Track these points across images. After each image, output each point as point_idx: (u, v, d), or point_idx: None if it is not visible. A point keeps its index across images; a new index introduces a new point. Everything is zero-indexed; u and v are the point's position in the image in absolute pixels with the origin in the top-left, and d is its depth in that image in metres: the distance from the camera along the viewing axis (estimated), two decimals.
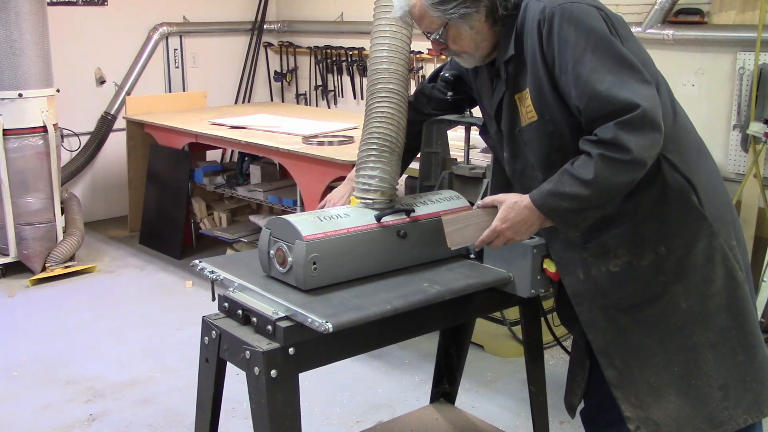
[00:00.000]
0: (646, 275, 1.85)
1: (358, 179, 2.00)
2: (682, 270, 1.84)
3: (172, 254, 5.16)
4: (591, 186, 1.70)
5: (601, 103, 1.69)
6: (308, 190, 4.09)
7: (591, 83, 1.70)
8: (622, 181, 1.71)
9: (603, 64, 1.71)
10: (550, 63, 1.77)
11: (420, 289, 1.84)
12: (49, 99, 4.66)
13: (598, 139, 1.70)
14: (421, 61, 5.70)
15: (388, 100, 1.96)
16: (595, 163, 1.69)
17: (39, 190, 4.71)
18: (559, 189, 1.74)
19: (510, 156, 1.95)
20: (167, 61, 6.36)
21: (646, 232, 1.84)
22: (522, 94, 1.85)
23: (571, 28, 1.73)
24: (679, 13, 4.23)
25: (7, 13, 4.42)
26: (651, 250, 1.84)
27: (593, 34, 1.73)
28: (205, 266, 1.94)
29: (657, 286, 1.85)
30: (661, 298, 1.85)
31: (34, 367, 3.63)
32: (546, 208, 1.77)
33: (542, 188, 1.78)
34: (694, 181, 1.84)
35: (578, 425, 3.11)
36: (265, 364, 1.65)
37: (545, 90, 1.80)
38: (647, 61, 1.86)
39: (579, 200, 1.72)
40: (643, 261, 1.85)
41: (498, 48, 1.89)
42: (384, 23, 1.96)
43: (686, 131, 1.92)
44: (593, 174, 1.69)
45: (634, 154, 1.67)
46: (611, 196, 1.75)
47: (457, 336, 2.60)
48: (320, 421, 3.13)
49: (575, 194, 1.72)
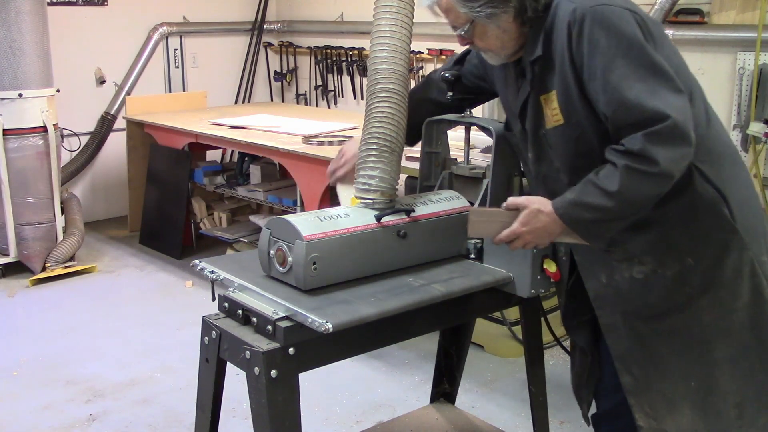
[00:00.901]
0: (670, 285, 1.80)
1: (358, 179, 2.00)
2: (709, 283, 1.79)
3: (172, 254, 5.16)
4: (615, 198, 1.66)
5: (630, 111, 1.64)
6: (308, 190, 4.09)
7: (620, 90, 1.65)
8: (649, 193, 1.67)
9: (633, 71, 1.65)
10: (578, 67, 1.72)
11: (420, 289, 1.84)
12: (49, 99, 4.66)
13: (625, 149, 1.65)
14: (421, 61, 5.70)
15: (388, 100, 1.95)
16: (621, 174, 1.64)
17: (39, 190, 4.71)
18: (582, 199, 1.70)
19: (534, 157, 1.91)
20: (167, 61, 6.36)
21: (674, 242, 1.79)
22: (548, 95, 1.80)
23: (602, 31, 1.67)
24: (679, 13, 4.23)
25: (7, 13, 4.42)
26: (677, 260, 1.79)
27: (625, 39, 1.66)
28: (205, 266, 1.94)
29: (681, 297, 1.81)
30: (684, 310, 1.81)
31: (34, 367, 3.63)
32: (568, 218, 1.74)
33: (565, 197, 1.74)
34: (726, 192, 1.78)
35: (578, 425, 3.11)
36: (265, 364, 1.65)
37: (572, 94, 1.75)
38: (681, 67, 1.80)
39: (602, 211, 1.68)
40: (668, 270, 1.80)
41: (525, 47, 1.84)
42: (384, 23, 1.95)
43: (720, 140, 1.85)
44: (618, 185, 1.65)
45: (661, 167, 1.62)
46: (636, 208, 1.71)
47: (457, 336, 2.60)
48: (320, 421, 3.13)
49: (599, 205, 1.68)
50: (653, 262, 1.80)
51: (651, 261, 1.81)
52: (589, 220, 1.71)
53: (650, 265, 1.81)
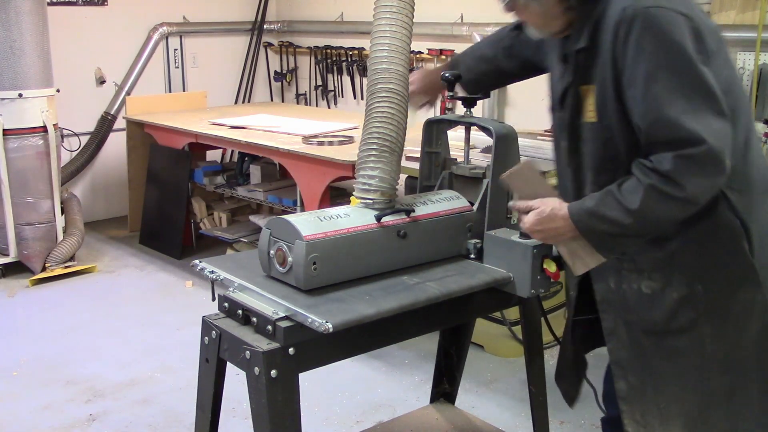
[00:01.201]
0: (676, 307, 1.75)
1: (358, 179, 2.00)
2: (716, 313, 1.73)
3: (172, 254, 5.16)
4: (634, 215, 1.60)
5: (665, 128, 1.55)
6: (308, 190, 4.09)
7: (659, 104, 1.55)
8: (669, 216, 1.61)
9: (677, 86, 1.55)
10: (619, 69, 1.63)
11: (420, 289, 1.84)
12: (49, 99, 4.66)
13: (652, 167, 1.57)
14: (421, 61, 5.70)
15: (388, 100, 1.95)
16: (644, 192, 1.58)
17: (39, 190, 4.71)
18: (599, 210, 1.65)
19: (568, 146, 1.84)
20: (167, 61, 6.36)
21: (685, 265, 1.73)
22: (589, 88, 1.72)
23: (651, 37, 1.57)
24: None
25: (7, 13, 4.42)
26: (686, 285, 1.73)
27: (673, 50, 1.56)
28: (205, 266, 1.94)
29: (685, 321, 1.75)
30: (686, 333, 1.75)
31: (34, 367, 3.63)
32: (582, 226, 1.69)
33: (583, 204, 1.69)
34: (751, 225, 1.70)
35: (578, 425, 3.11)
36: (265, 364, 1.65)
37: (608, 95, 1.67)
38: (731, 81, 1.69)
39: (618, 226, 1.63)
40: (675, 292, 1.74)
41: (571, 33, 1.76)
42: (384, 23, 1.95)
43: (756, 168, 1.75)
44: (639, 204, 1.58)
45: (687, 193, 1.55)
46: (653, 228, 1.66)
47: (457, 336, 2.60)
48: (320, 421, 3.13)
49: (615, 219, 1.63)
50: (662, 281, 1.75)
51: (660, 279, 1.76)
52: (603, 232, 1.67)
53: (659, 283, 1.76)
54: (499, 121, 2.12)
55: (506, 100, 5.27)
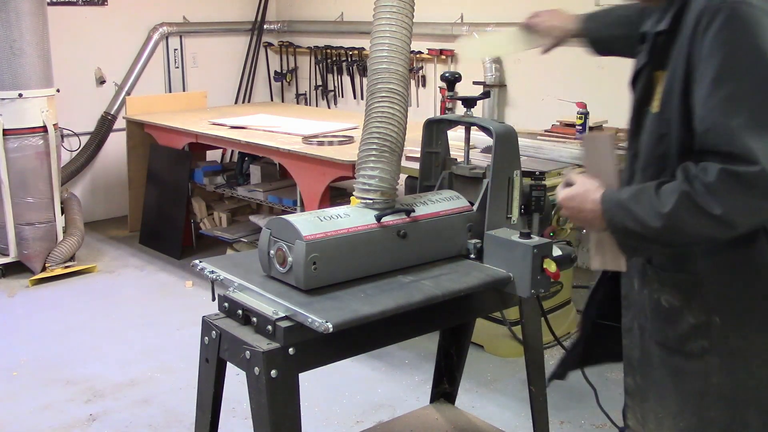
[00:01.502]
0: (690, 332, 1.65)
1: (358, 179, 2.00)
2: (729, 350, 1.62)
3: (172, 254, 5.16)
4: (662, 220, 1.48)
5: (721, 138, 1.42)
6: (308, 190, 4.10)
7: (722, 111, 1.42)
8: (698, 233, 1.48)
9: (746, 95, 1.41)
10: (693, 63, 1.49)
11: (420, 289, 1.84)
12: (49, 99, 4.67)
13: (695, 174, 1.44)
14: (421, 61, 5.70)
15: (388, 100, 1.95)
16: (678, 198, 1.45)
17: (39, 190, 4.71)
18: (630, 205, 1.54)
19: (631, 131, 1.72)
20: (167, 61, 6.36)
21: (709, 294, 1.61)
22: (662, 74, 1.58)
23: (731, 35, 1.44)
24: None
25: (7, 13, 4.42)
26: (704, 313, 1.62)
27: (753, 54, 1.42)
28: (205, 266, 1.94)
29: (696, 348, 1.65)
30: (695, 360, 1.65)
31: (34, 367, 3.63)
32: (609, 216, 1.59)
33: (618, 195, 1.59)
34: None
35: (578, 425, 3.12)
36: (265, 364, 1.65)
37: (676, 88, 1.53)
38: None
39: (643, 227, 1.52)
40: (692, 317, 1.64)
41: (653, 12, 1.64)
42: (384, 23, 1.95)
43: None
44: (669, 209, 1.46)
45: (723, 212, 1.42)
46: (680, 241, 1.53)
47: (457, 336, 2.60)
48: (320, 421, 3.13)
49: (642, 219, 1.51)
50: (680, 303, 1.65)
51: (679, 299, 1.65)
52: (629, 229, 1.56)
53: (677, 304, 1.66)
54: (499, 121, 2.12)
55: (506, 100, 5.27)
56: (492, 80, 5.18)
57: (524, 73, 5.14)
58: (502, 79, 5.23)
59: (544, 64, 5.05)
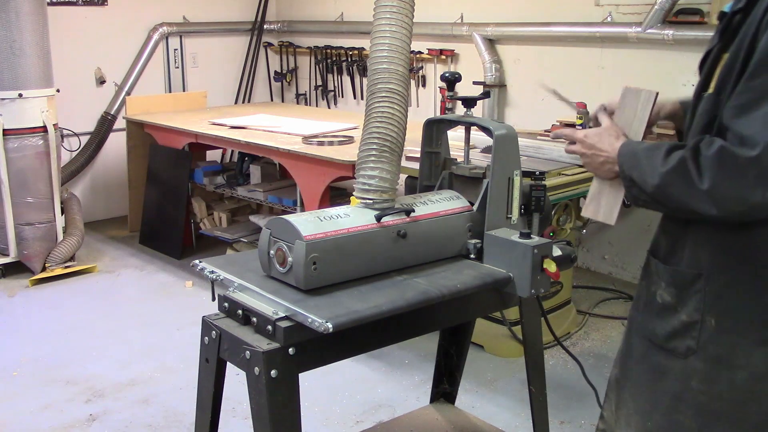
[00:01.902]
0: (679, 329, 1.60)
1: (358, 179, 2.00)
2: (716, 356, 1.55)
3: (172, 254, 5.16)
4: (658, 178, 1.50)
5: (736, 118, 1.40)
6: (308, 190, 4.10)
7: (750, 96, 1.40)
8: (684, 202, 1.47)
9: None
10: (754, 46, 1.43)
11: (420, 289, 1.84)
12: (49, 99, 4.67)
13: (700, 144, 1.44)
14: (421, 61, 5.70)
15: (388, 100, 1.95)
16: (677, 162, 1.46)
17: (39, 190, 4.71)
18: (641, 157, 1.55)
19: (688, 120, 1.66)
20: (167, 61, 6.36)
21: (708, 294, 1.55)
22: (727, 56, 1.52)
23: None
24: (679, 13, 4.23)
25: (7, 13, 4.42)
26: (699, 312, 1.56)
27: None
28: (205, 266, 1.94)
29: (681, 347, 1.59)
30: (678, 360, 1.61)
31: (34, 367, 3.63)
32: (620, 161, 1.61)
33: (637, 145, 1.61)
34: None
35: (578, 425, 3.11)
36: (265, 364, 1.65)
37: (736, 69, 1.47)
38: None
39: (643, 182, 1.54)
40: (685, 315, 1.59)
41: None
42: (384, 23, 1.95)
43: None
44: (667, 169, 1.48)
45: (707, 188, 1.41)
46: (669, 204, 1.52)
47: (457, 336, 2.60)
48: (320, 421, 3.13)
49: (645, 174, 1.53)
50: (675, 298, 1.61)
51: (674, 296, 1.61)
52: (634, 179, 1.56)
53: (672, 299, 1.61)
54: (499, 121, 2.12)
55: (506, 100, 5.27)
56: (492, 80, 5.18)
57: (524, 73, 5.14)
58: (502, 79, 5.23)
59: (544, 64, 5.07)
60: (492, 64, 5.18)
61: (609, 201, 1.73)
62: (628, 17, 4.48)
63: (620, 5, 4.54)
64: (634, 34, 4.34)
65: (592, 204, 1.78)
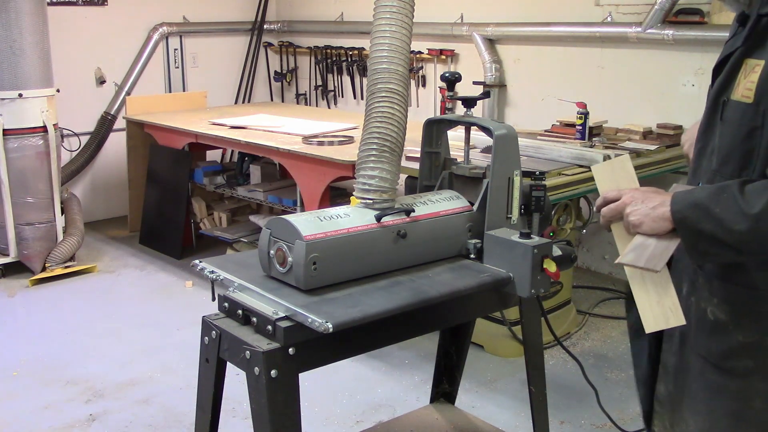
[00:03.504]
0: (737, 348, 1.52)
1: (358, 179, 2.00)
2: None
3: (172, 254, 5.16)
4: (748, 222, 1.34)
5: None
6: (308, 190, 4.10)
7: None
8: None
9: None
10: None
11: (420, 289, 1.84)
12: (49, 99, 4.67)
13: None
14: (421, 61, 5.70)
15: (388, 100, 1.95)
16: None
17: (39, 190, 4.71)
18: (709, 205, 1.39)
19: (703, 124, 1.59)
20: (167, 61, 6.36)
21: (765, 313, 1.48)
22: (754, 62, 1.44)
23: None
24: (679, 13, 4.23)
25: (7, 13, 4.42)
26: (757, 332, 1.49)
27: None
28: (205, 266, 1.94)
29: (740, 368, 1.53)
30: (737, 380, 1.53)
31: (34, 367, 3.63)
32: (680, 217, 1.45)
33: (693, 193, 1.45)
34: None
35: (578, 425, 3.11)
36: (265, 364, 1.65)
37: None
38: None
39: (724, 231, 1.38)
40: (741, 335, 1.51)
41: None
42: (384, 23, 1.95)
43: None
44: (760, 209, 1.32)
45: None
46: (761, 247, 1.38)
47: (457, 336, 2.60)
48: (320, 421, 3.13)
49: (724, 222, 1.37)
50: (729, 316, 1.53)
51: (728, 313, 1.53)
52: (704, 232, 1.41)
53: (724, 317, 1.53)
54: (499, 121, 2.12)
55: (506, 100, 5.27)
56: (492, 80, 5.18)
57: (524, 73, 5.14)
58: (502, 79, 5.23)
59: (544, 64, 5.07)
60: (492, 64, 5.18)
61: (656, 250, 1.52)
62: (628, 17, 4.48)
63: (620, 5, 4.54)
64: (634, 34, 4.34)
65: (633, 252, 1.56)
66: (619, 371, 3.55)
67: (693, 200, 1.44)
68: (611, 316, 4.18)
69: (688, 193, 1.47)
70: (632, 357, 1.85)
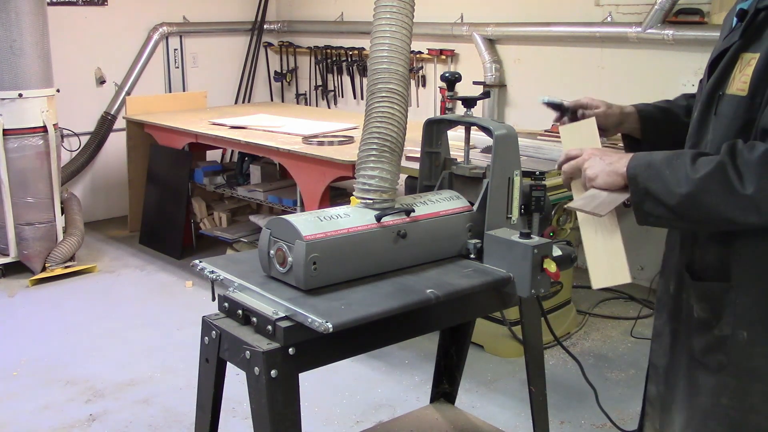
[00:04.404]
0: (712, 344, 1.54)
1: (358, 179, 2.00)
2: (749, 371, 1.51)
3: (172, 254, 5.17)
4: (689, 186, 1.39)
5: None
6: (308, 190, 4.10)
7: None
8: (719, 211, 1.38)
9: None
10: None
11: (419, 290, 1.84)
12: (49, 99, 4.67)
13: (740, 149, 1.36)
14: (421, 61, 5.70)
15: (388, 100, 1.95)
16: (714, 168, 1.36)
17: (39, 190, 4.72)
18: (661, 167, 1.44)
19: (697, 121, 1.60)
20: (167, 61, 6.36)
21: (740, 306, 1.50)
22: (750, 56, 1.46)
23: None
24: (679, 13, 4.23)
25: (7, 13, 4.42)
26: (731, 326, 1.51)
27: None
28: (205, 266, 1.94)
29: (714, 363, 1.55)
30: (712, 376, 1.56)
31: (34, 367, 3.63)
32: (632, 173, 1.49)
33: (651, 155, 1.48)
34: None
35: (578, 425, 3.12)
36: (265, 364, 1.65)
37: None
38: None
39: (667, 192, 1.42)
40: (718, 330, 1.53)
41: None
42: (384, 23, 1.95)
43: None
44: (701, 175, 1.37)
45: (752, 192, 1.33)
46: (697, 215, 1.42)
47: (457, 336, 2.60)
48: (320, 421, 3.13)
49: (669, 184, 1.41)
50: (710, 313, 1.55)
51: (708, 311, 1.55)
52: (651, 191, 1.45)
53: (706, 314, 1.56)
54: (499, 121, 2.11)
55: (506, 100, 5.27)
56: (492, 80, 5.18)
57: (524, 73, 5.14)
58: (502, 79, 5.23)
59: (544, 64, 5.07)
60: (492, 64, 5.18)
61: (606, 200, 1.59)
62: (628, 17, 4.48)
63: (620, 5, 4.54)
64: (634, 34, 4.34)
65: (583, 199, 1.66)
66: (619, 371, 3.56)
67: (648, 161, 1.49)
68: (611, 316, 4.18)
69: (648, 154, 1.51)
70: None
